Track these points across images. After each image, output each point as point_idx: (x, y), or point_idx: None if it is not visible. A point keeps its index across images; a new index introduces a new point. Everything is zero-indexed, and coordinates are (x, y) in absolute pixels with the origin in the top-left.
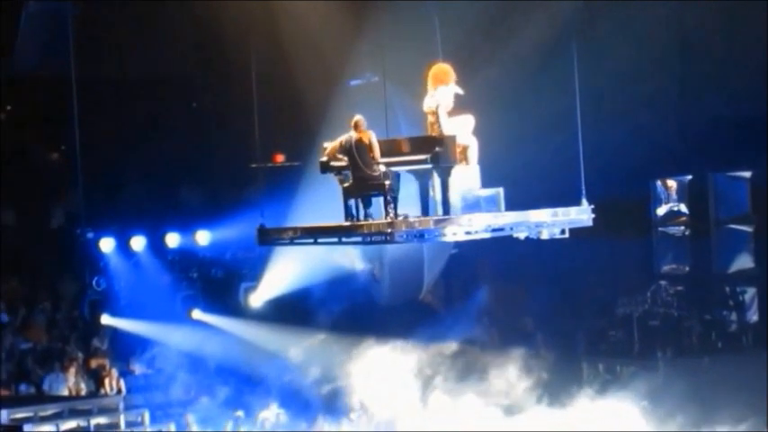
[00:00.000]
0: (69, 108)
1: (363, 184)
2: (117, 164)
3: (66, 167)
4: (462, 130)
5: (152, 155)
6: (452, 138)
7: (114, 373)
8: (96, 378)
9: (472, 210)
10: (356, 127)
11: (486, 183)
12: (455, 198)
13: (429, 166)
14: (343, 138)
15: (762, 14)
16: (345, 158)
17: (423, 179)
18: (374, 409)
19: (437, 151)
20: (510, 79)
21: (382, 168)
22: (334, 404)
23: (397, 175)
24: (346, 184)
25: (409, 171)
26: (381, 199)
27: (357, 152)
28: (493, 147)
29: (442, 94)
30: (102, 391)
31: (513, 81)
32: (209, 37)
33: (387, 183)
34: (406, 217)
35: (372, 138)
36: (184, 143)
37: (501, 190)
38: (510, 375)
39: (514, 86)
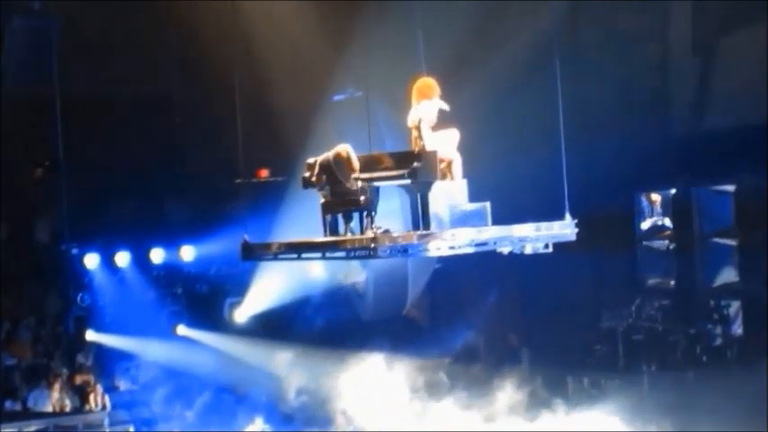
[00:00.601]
0: (53, 124)
1: (341, 199)
2: (101, 179)
3: (50, 183)
4: (446, 144)
5: (136, 170)
6: (432, 153)
7: (99, 388)
8: (81, 394)
9: (458, 224)
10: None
11: (471, 197)
12: (442, 212)
13: (408, 181)
14: (320, 158)
15: (748, 27)
16: (324, 177)
17: (411, 194)
18: (360, 423)
19: (415, 167)
20: (494, 93)
21: (360, 184)
22: (319, 419)
23: (376, 190)
24: (323, 200)
25: (397, 186)
26: (360, 214)
27: (336, 167)
28: (478, 161)
29: (425, 108)
30: (87, 407)
31: (498, 95)
32: (193, 52)
33: (362, 198)
34: (386, 231)
35: (350, 151)
36: (168, 158)
37: (488, 204)
38: (494, 389)
39: (499, 100)
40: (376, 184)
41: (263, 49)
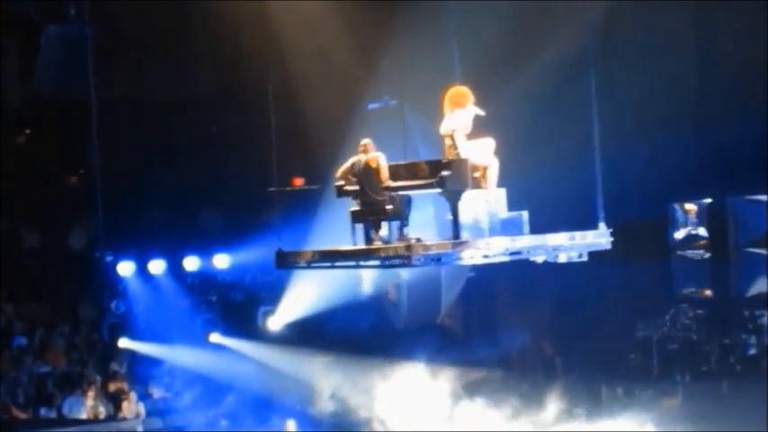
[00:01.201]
0: (88, 131)
1: (368, 209)
2: (136, 187)
3: (86, 191)
4: (482, 153)
5: (171, 178)
6: (462, 161)
7: (133, 396)
8: (115, 401)
9: (495, 233)
10: (365, 150)
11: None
12: (476, 221)
13: (437, 190)
14: (353, 159)
15: None
16: (355, 180)
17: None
18: (394, 430)
19: (443, 175)
20: (529, 102)
21: (389, 193)
22: (351, 426)
23: (408, 199)
24: (353, 208)
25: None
26: (389, 223)
27: (364, 176)
28: (512, 170)
29: (458, 117)
30: (121, 415)
31: (533, 104)
32: (228, 60)
33: (389, 207)
34: (417, 240)
35: (380, 161)
36: (203, 166)
37: (525, 213)
38: (528, 398)
39: (534, 109)
40: (404, 193)
41: (298, 57)
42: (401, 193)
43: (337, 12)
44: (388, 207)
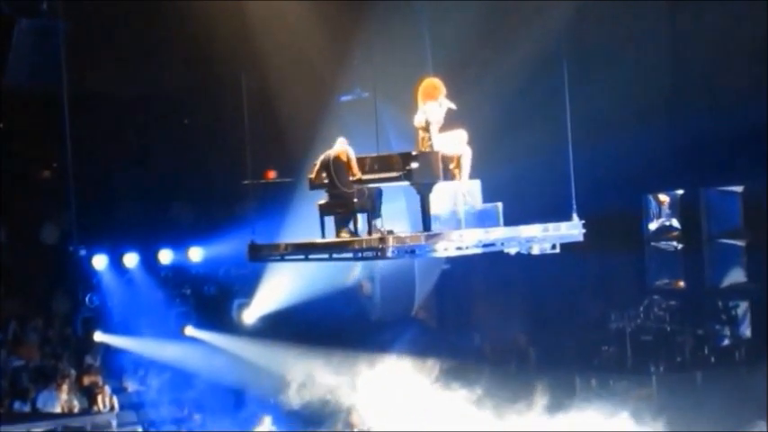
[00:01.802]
0: (61, 125)
1: (336, 201)
2: (109, 181)
3: (59, 184)
4: (454, 144)
5: (144, 172)
6: (431, 154)
7: (107, 390)
8: (89, 395)
9: (468, 225)
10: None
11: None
12: (448, 213)
13: (406, 183)
14: (323, 155)
15: (752, 29)
16: (324, 175)
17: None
18: (370, 423)
19: (410, 168)
20: (502, 94)
21: (359, 186)
22: (326, 419)
23: (379, 192)
24: (320, 201)
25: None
26: (354, 216)
27: (334, 169)
28: (485, 162)
29: (430, 109)
30: (95, 409)
31: (506, 96)
32: (200, 54)
33: (357, 201)
34: (390, 232)
35: (350, 154)
36: (176, 160)
37: (500, 204)
38: (501, 389)
39: (507, 101)
40: (373, 185)
41: (271, 50)
42: (371, 185)
43: (310, 5)
44: (356, 200)
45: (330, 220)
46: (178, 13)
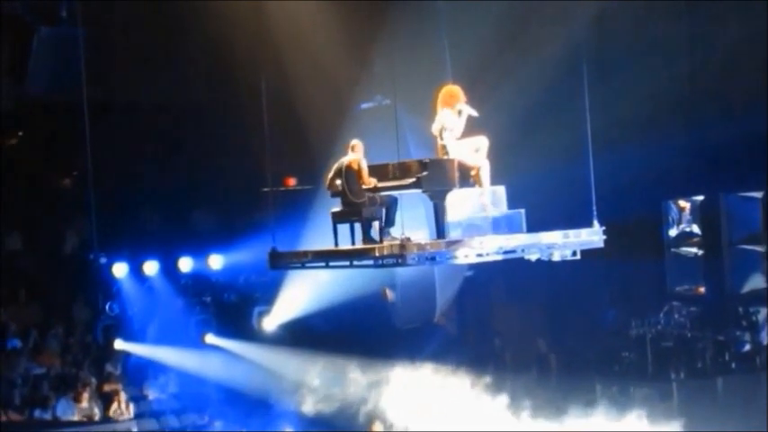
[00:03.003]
0: (81, 133)
1: (349, 209)
2: (129, 189)
3: (79, 192)
4: (473, 151)
5: (164, 180)
6: (444, 161)
7: (123, 396)
8: (105, 402)
9: (489, 231)
10: (353, 150)
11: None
12: (467, 219)
13: (418, 190)
14: (337, 162)
15: None
16: (338, 182)
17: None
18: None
19: (419, 176)
20: (523, 101)
21: (370, 194)
22: (347, 426)
23: (393, 200)
24: (334, 209)
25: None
26: (368, 223)
27: (345, 178)
28: (506, 168)
29: (446, 116)
30: (110, 414)
31: (526, 103)
32: (220, 60)
33: (369, 209)
34: (407, 239)
35: (361, 163)
36: (196, 168)
37: (522, 211)
38: (522, 395)
39: (527, 108)
40: (385, 193)
41: (291, 57)
42: (384, 193)
43: (330, 12)
44: (369, 208)
45: (344, 228)
46: (198, 20)
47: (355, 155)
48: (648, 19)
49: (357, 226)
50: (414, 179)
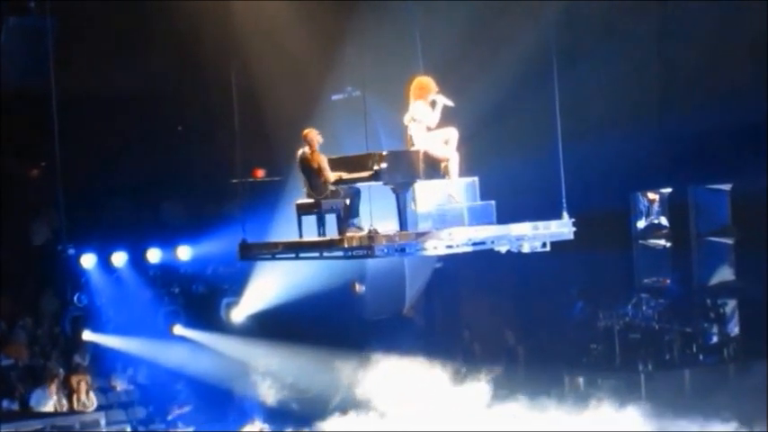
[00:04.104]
0: (49, 124)
1: (311, 202)
2: (98, 180)
3: (47, 183)
4: (441, 143)
5: (133, 170)
6: (405, 153)
7: (83, 387)
8: (69, 394)
9: (458, 223)
10: (305, 139)
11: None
12: (436, 211)
13: (379, 183)
14: (298, 153)
15: (742, 28)
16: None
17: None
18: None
19: (379, 168)
20: (492, 93)
21: (332, 188)
22: (315, 418)
23: (356, 191)
24: (298, 201)
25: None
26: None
27: (305, 173)
28: (475, 160)
29: (416, 108)
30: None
31: (496, 95)
32: (189, 52)
33: (323, 203)
34: (375, 231)
35: (320, 160)
36: (165, 159)
37: (493, 203)
38: (491, 388)
39: (497, 100)
40: (348, 186)
41: (260, 48)
42: (346, 186)
43: (301, 3)
44: (328, 201)
45: (309, 220)
46: (166, 12)
47: (309, 148)
48: (619, 12)
49: (327, 217)
50: (372, 171)
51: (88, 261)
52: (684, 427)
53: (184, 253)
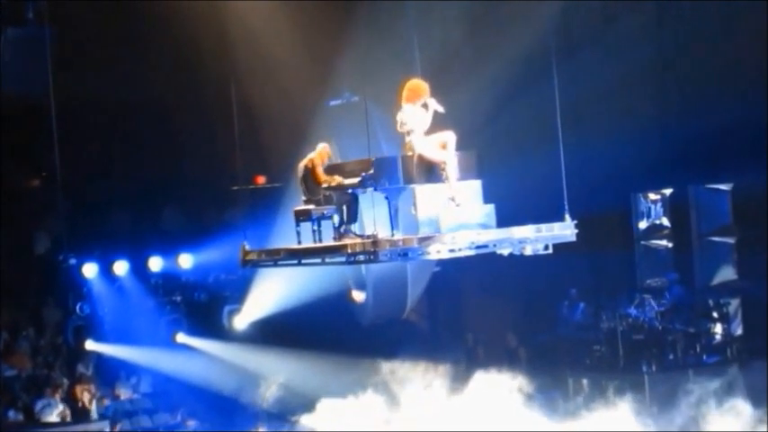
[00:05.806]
0: (50, 133)
1: (308, 208)
2: (98, 189)
3: (48, 193)
4: (438, 147)
5: (133, 179)
6: (395, 159)
7: (87, 396)
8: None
9: (458, 227)
10: (319, 151)
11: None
12: (434, 215)
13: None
14: (301, 163)
15: (740, 29)
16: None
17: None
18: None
19: (364, 175)
20: (492, 95)
21: (326, 192)
22: (319, 423)
23: (354, 197)
24: (297, 208)
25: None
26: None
27: (303, 177)
28: (474, 163)
29: (407, 113)
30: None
31: (496, 97)
32: (188, 59)
33: (313, 208)
34: (373, 236)
35: (316, 161)
36: (166, 166)
37: (492, 206)
38: (494, 391)
39: (497, 103)
40: (346, 192)
41: (259, 55)
42: (341, 192)
43: (297, 9)
44: (319, 207)
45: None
46: (164, 19)
47: (313, 153)
48: (618, 11)
49: (325, 223)
50: (360, 178)
51: (90, 270)
52: (687, 427)
53: (186, 261)
